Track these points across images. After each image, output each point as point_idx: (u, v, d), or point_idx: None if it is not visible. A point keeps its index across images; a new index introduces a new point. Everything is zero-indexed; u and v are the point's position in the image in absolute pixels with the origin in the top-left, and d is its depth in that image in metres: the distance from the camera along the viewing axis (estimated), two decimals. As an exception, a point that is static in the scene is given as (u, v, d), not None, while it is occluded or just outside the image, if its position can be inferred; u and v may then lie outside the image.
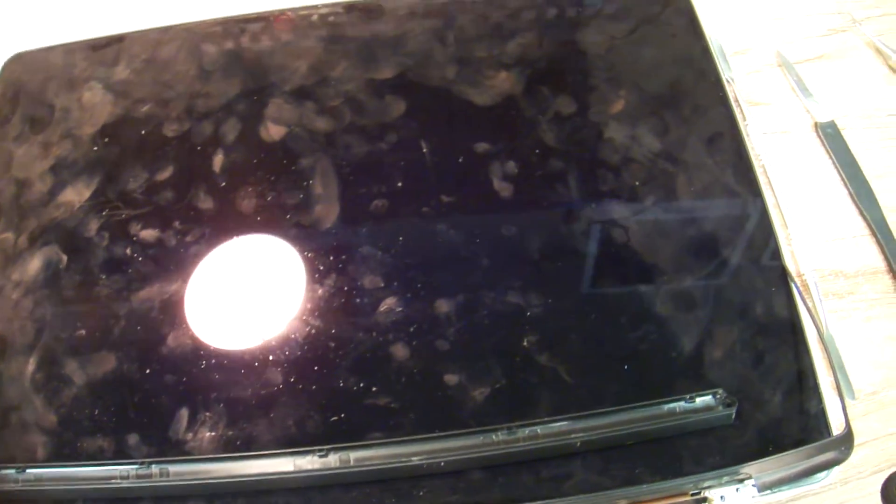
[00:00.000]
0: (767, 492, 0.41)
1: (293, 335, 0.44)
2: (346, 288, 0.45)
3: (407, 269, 0.45)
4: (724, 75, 0.52)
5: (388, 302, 0.44)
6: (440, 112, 0.51)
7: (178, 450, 0.42)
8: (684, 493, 0.41)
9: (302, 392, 0.43)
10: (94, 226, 0.48)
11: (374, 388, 0.42)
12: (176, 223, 0.47)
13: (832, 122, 0.54)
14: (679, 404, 0.42)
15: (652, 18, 0.54)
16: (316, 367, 0.43)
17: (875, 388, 0.46)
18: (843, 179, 0.52)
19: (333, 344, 0.44)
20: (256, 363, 0.43)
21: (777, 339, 0.44)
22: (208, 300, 0.46)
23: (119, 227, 0.48)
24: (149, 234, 0.47)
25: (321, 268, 0.46)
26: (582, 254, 0.46)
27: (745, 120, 0.52)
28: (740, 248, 0.46)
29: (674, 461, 0.41)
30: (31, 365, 0.44)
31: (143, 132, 0.51)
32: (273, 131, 0.50)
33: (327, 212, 0.47)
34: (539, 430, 0.41)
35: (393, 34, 0.54)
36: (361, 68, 0.52)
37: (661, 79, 0.52)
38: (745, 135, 0.50)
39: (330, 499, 0.41)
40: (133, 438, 0.42)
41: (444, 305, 0.44)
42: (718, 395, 0.42)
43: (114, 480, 0.41)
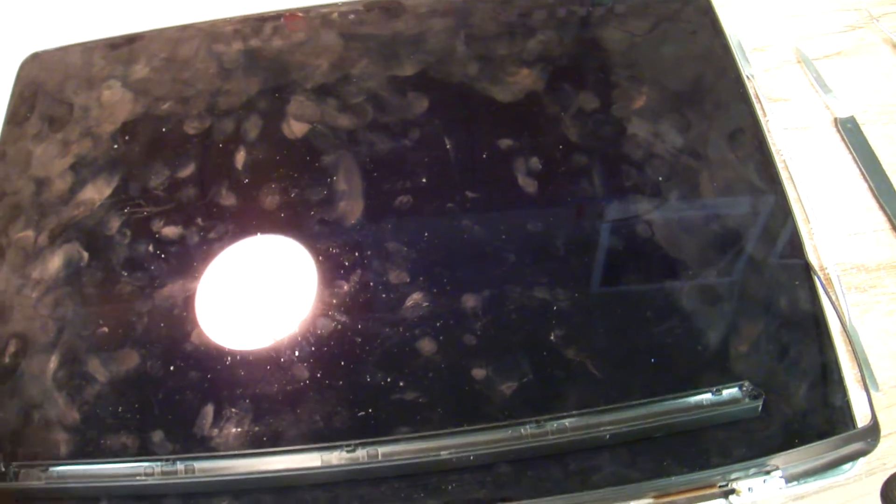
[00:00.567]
0: (794, 483, 0.41)
1: (319, 331, 0.44)
2: (371, 283, 0.45)
3: (433, 265, 0.45)
4: (745, 72, 0.52)
5: (415, 297, 0.44)
6: (463, 109, 0.51)
7: (203, 446, 0.42)
8: (712, 485, 0.41)
9: (328, 387, 0.42)
10: (115, 223, 0.48)
11: (401, 383, 0.42)
12: (199, 220, 0.47)
13: (852, 117, 0.54)
14: (706, 397, 0.42)
15: (671, 16, 0.55)
16: (342, 363, 0.43)
17: (898, 381, 0.46)
18: (863, 174, 0.52)
19: (360, 339, 0.43)
20: (282, 359, 0.43)
21: (801, 333, 0.44)
22: (232, 297, 0.45)
23: (141, 224, 0.47)
24: (171, 231, 0.47)
25: (346, 264, 0.46)
26: (607, 248, 0.46)
27: (765, 116, 0.52)
28: (764, 243, 0.46)
29: (701, 453, 0.41)
30: (52, 363, 0.44)
31: (163, 130, 0.51)
32: (296, 128, 0.50)
33: (351, 208, 0.47)
34: (567, 424, 0.41)
35: (413, 32, 0.54)
36: (383, 66, 0.52)
37: (681, 75, 0.52)
38: (766, 130, 0.50)
39: (357, 494, 0.41)
40: (157, 435, 0.42)
41: (470, 300, 0.44)
42: (745, 388, 0.42)
43: (138, 477, 0.41)
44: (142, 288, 0.46)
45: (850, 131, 0.53)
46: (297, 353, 0.43)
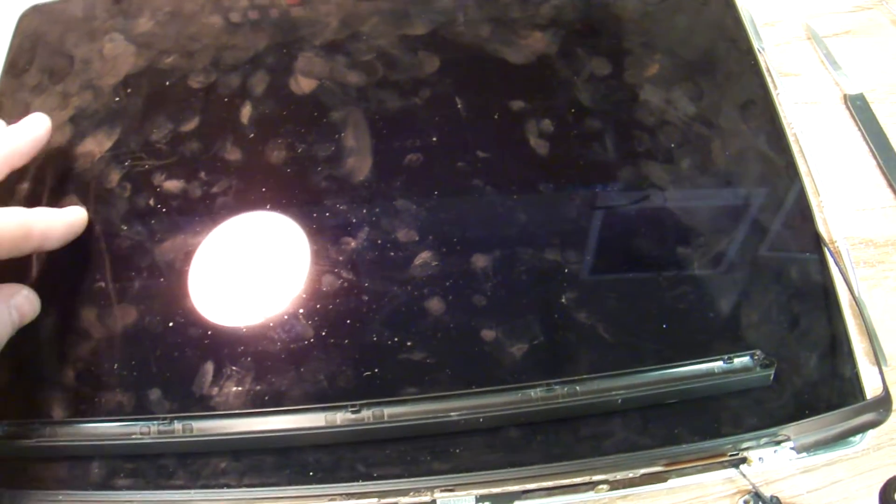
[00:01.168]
0: (804, 454, 0.41)
1: (324, 288, 0.43)
2: (379, 241, 0.44)
3: (442, 224, 0.44)
4: (756, 45, 0.52)
5: (423, 256, 0.43)
6: (474, 69, 0.50)
7: (202, 405, 0.40)
8: (723, 454, 0.40)
9: (334, 346, 0.41)
10: (115, 176, 0.46)
11: (408, 343, 0.41)
12: (202, 174, 0.46)
13: (861, 94, 0.54)
14: (717, 364, 0.41)
15: (684, -14, 0.55)
16: (348, 321, 0.42)
17: (905, 355, 0.46)
18: (871, 151, 0.52)
19: (366, 297, 0.42)
20: (286, 316, 0.42)
21: (811, 304, 0.44)
22: (235, 252, 0.44)
23: (142, 177, 0.46)
24: (173, 185, 0.46)
25: (353, 220, 0.44)
26: (619, 213, 0.46)
27: (776, 89, 0.52)
28: (775, 213, 0.46)
29: (712, 422, 0.40)
30: (47, 319, 0.43)
31: (167, 83, 0.49)
32: (304, 84, 0.49)
33: (360, 164, 0.46)
34: (578, 388, 0.40)
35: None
36: (393, 24, 0.51)
37: (694, 46, 0.51)
38: (777, 103, 0.50)
39: (362, 456, 0.39)
40: (155, 394, 0.41)
41: (480, 260, 0.43)
42: (756, 357, 0.42)
43: (134, 436, 0.39)
44: (142, 242, 0.44)
45: (860, 108, 0.53)
46: (301, 311, 0.42)
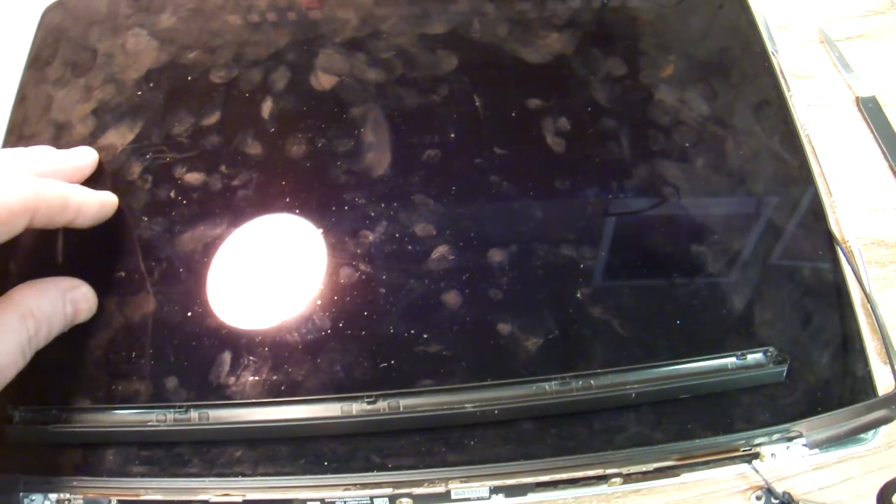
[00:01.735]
0: (817, 451, 0.41)
1: (342, 280, 0.43)
2: (397, 235, 0.44)
3: (459, 219, 0.45)
4: (769, 48, 0.52)
5: (441, 250, 0.44)
6: (492, 68, 0.51)
7: (218, 394, 0.41)
8: (736, 449, 0.40)
9: (351, 338, 0.42)
10: (136, 168, 0.47)
11: (425, 335, 0.42)
12: (223, 168, 0.47)
13: (873, 97, 0.54)
14: (731, 360, 0.42)
15: (698, -11, 0.55)
16: (365, 313, 0.42)
17: (916, 356, 0.46)
18: (883, 152, 0.53)
19: (384, 290, 0.43)
20: (304, 308, 0.43)
21: (824, 302, 0.44)
22: (254, 244, 0.45)
23: (163, 170, 0.47)
24: (194, 177, 0.46)
25: (372, 214, 0.45)
26: (633, 211, 0.46)
27: (789, 91, 0.52)
28: (788, 213, 0.47)
29: (724, 417, 0.41)
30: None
31: (189, 78, 0.50)
32: (324, 80, 0.50)
33: (379, 160, 0.47)
34: (593, 382, 0.40)
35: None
36: (413, 23, 0.52)
37: (708, 47, 0.52)
38: (790, 105, 0.50)
39: (377, 446, 0.40)
40: (171, 382, 0.41)
41: (497, 255, 0.44)
42: (769, 353, 0.42)
43: (150, 423, 0.40)
44: (162, 233, 0.45)
45: (872, 111, 0.54)
46: (318, 303, 0.43)
